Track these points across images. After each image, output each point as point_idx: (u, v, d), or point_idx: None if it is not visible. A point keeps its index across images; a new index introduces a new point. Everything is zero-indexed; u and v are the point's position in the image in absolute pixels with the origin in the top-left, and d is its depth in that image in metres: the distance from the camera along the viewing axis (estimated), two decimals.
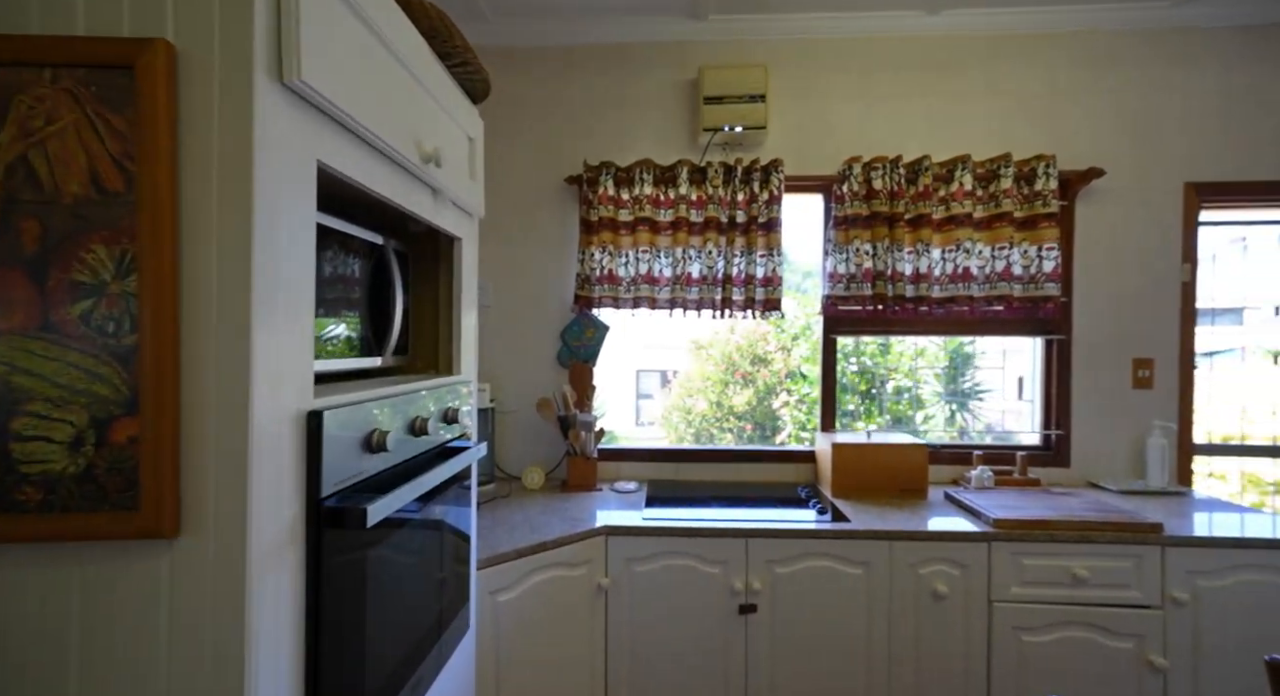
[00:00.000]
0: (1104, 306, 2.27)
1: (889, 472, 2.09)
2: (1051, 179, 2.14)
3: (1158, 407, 2.25)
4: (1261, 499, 3.13)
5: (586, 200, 2.27)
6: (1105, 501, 1.94)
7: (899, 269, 2.18)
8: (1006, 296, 2.16)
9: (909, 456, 2.09)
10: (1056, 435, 2.29)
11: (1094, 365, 2.27)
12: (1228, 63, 2.24)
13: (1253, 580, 1.69)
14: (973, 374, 6.78)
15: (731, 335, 7.69)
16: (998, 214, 2.17)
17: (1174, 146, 2.25)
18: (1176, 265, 2.25)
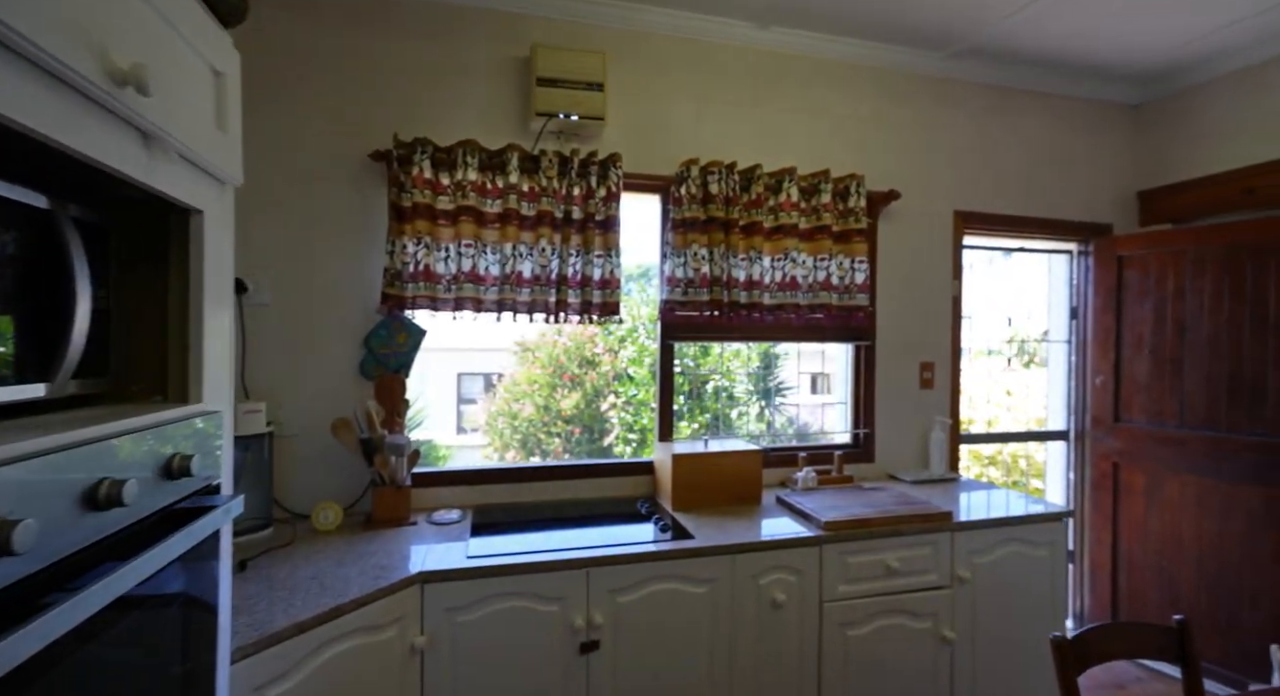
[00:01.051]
0: (899, 315, 2.53)
1: (727, 481, 2.08)
2: (861, 197, 2.32)
3: (937, 405, 2.58)
4: (982, 472, 3.82)
5: (398, 182, 1.91)
6: (906, 493, 2.14)
7: (734, 275, 2.19)
8: (827, 305, 2.30)
9: (745, 463, 2.11)
10: (864, 433, 2.50)
11: (892, 368, 2.53)
12: (979, 113, 2.64)
13: (1013, 551, 1.97)
14: (778, 373, 7.45)
15: (559, 338, 7.51)
16: (819, 226, 2.30)
17: (945, 178, 2.60)
18: (949, 280, 2.60)
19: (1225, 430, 2.40)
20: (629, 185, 2.20)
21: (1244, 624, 2.35)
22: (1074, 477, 2.90)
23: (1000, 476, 4.28)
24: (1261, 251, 2.32)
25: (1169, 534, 2.55)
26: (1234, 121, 2.52)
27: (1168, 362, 2.56)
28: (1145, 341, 2.63)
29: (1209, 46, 2.44)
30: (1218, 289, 2.43)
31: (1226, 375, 2.40)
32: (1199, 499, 2.46)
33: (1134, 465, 2.66)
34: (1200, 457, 2.45)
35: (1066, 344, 2.94)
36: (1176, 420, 2.54)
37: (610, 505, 2.13)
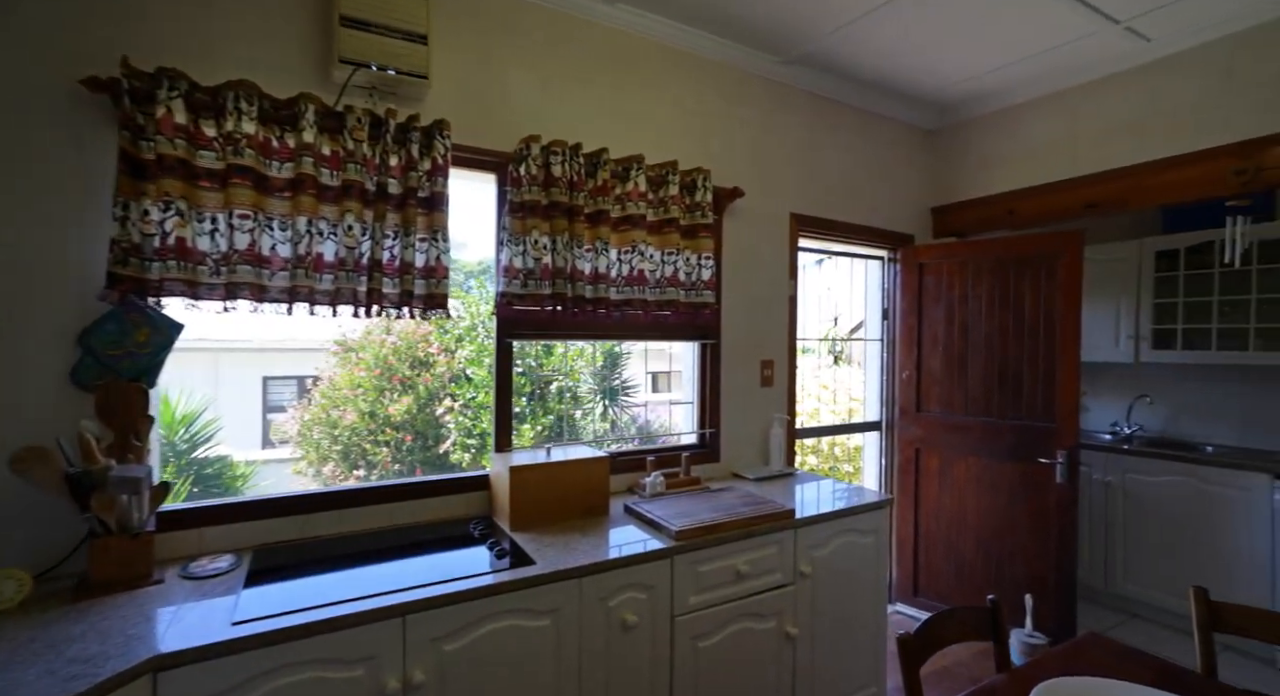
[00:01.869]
0: (742, 314, 2.56)
1: (572, 492, 1.90)
2: (708, 192, 2.29)
3: (776, 402, 2.66)
4: (804, 460, 4.14)
5: (133, 124, 1.42)
6: (752, 493, 2.14)
7: (579, 267, 2.02)
8: (675, 302, 2.22)
9: (591, 472, 1.94)
10: (710, 433, 2.49)
11: (736, 367, 2.54)
12: (811, 121, 2.78)
13: (846, 541, 2.06)
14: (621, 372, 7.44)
15: (388, 336, 6.74)
16: (666, 219, 2.21)
17: (783, 180, 2.69)
18: (786, 280, 2.70)
19: (996, 417, 2.80)
20: (460, 160, 1.92)
21: (1006, 579, 2.75)
22: (885, 463, 3.21)
23: (817, 463, 4.70)
24: (1020, 263, 2.73)
25: (956, 509, 2.91)
26: (999, 152, 2.95)
27: (956, 359, 2.93)
28: (939, 340, 2.98)
29: (981, 87, 2.82)
30: (990, 295, 2.82)
31: (997, 370, 2.80)
32: (978, 477, 2.84)
33: (931, 450, 3.00)
34: (979, 441, 2.83)
35: (880, 342, 3.24)
36: (963, 409, 2.91)
37: (437, 529, 1.83)
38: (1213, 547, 2.75)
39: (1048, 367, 2.65)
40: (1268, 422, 3.01)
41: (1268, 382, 3.01)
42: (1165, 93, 2.40)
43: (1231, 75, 2.23)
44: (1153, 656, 1.44)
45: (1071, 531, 2.59)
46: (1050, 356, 2.64)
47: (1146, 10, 2.18)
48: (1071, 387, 2.58)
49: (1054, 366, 2.63)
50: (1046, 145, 2.77)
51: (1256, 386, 3.05)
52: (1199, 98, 2.31)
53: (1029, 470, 2.69)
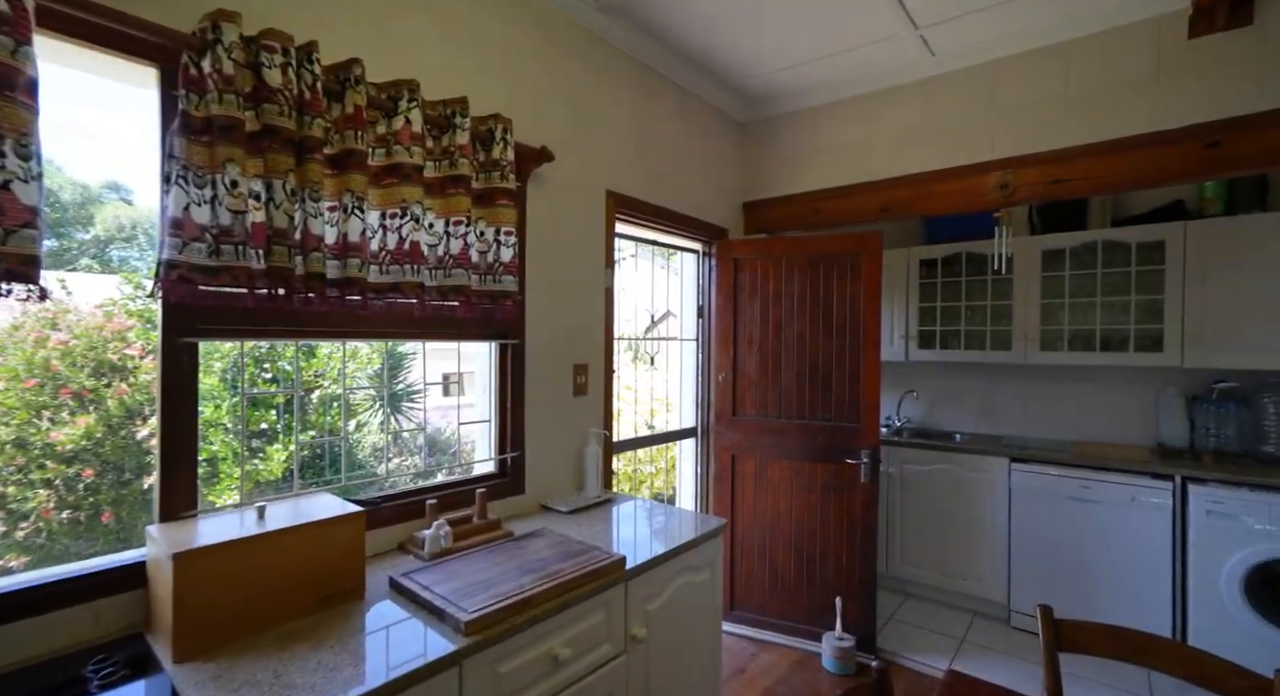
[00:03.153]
0: (550, 308, 2.08)
1: (303, 574, 1.22)
2: (509, 148, 1.76)
3: (592, 414, 2.24)
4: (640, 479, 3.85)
5: None
6: (568, 536, 1.67)
7: (315, 231, 1.33)
8: (465, 288, 1.65)
9: (335, 538, 1.28)
10: (512, 458, 1.96)
11: (543, 373, 2.06)
12: (633, 90, 2.43)
13: (682, 584, 1.72)
14: (405, 375, 6.37)
15: (54, 332, 4.81)
16: (453, 177, 1.63)
17: (599, 151, 2.28)
18: (602, 269, 2.30)
19: (808, 418, 2.77)
20: (69, 27, 1.10)
21: (818, 581, 2.74)
22: (700, 471, 3.02)
23: (621, 467, 4.46)
24: (828, 262, 2.73)
25: (771, 514, 2.83)
26: (806, 151, 2.94)
27: (770, 359, 2.84)
28: (755, 340, 2.87)
29: (793, 81, 2.77)
30: (802, 293, 2.78)
31: (809, 370, 2.77)
32: (792, 479, 2.79)
33: (748, 455, 2.88)
34: (793, 443, 2.77)
35: (695, 342, 3.03)
36: (777, 411, 2.83)
37: (27, 681, 1.01)
38: (968, 526, 3.09)
39: (853, 366, 2.68)
40: (999, 412, 3.52)
41: (997, 378, 3.52)
42: (943, 107, 2.55)
43: (989, 101, 2.43)
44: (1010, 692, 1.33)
45: (873, 529, 2.64)
46: (855, 355, 2.67)
47: (943, 19, 2.24)
48: (873, 386, 2.63)
49: (859, 365, 2.67)
50: (848, 148, 2.81)
51: (991, 381, 3.55)
52: (969, 115, 2.48)
53: (839, 470, 2.69)
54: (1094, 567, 2.73)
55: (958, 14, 2.21)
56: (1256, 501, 2.38)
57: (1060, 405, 3.32)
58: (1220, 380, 2.86)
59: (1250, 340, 2.66)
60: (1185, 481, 2.56)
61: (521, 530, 1.74)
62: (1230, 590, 2.41)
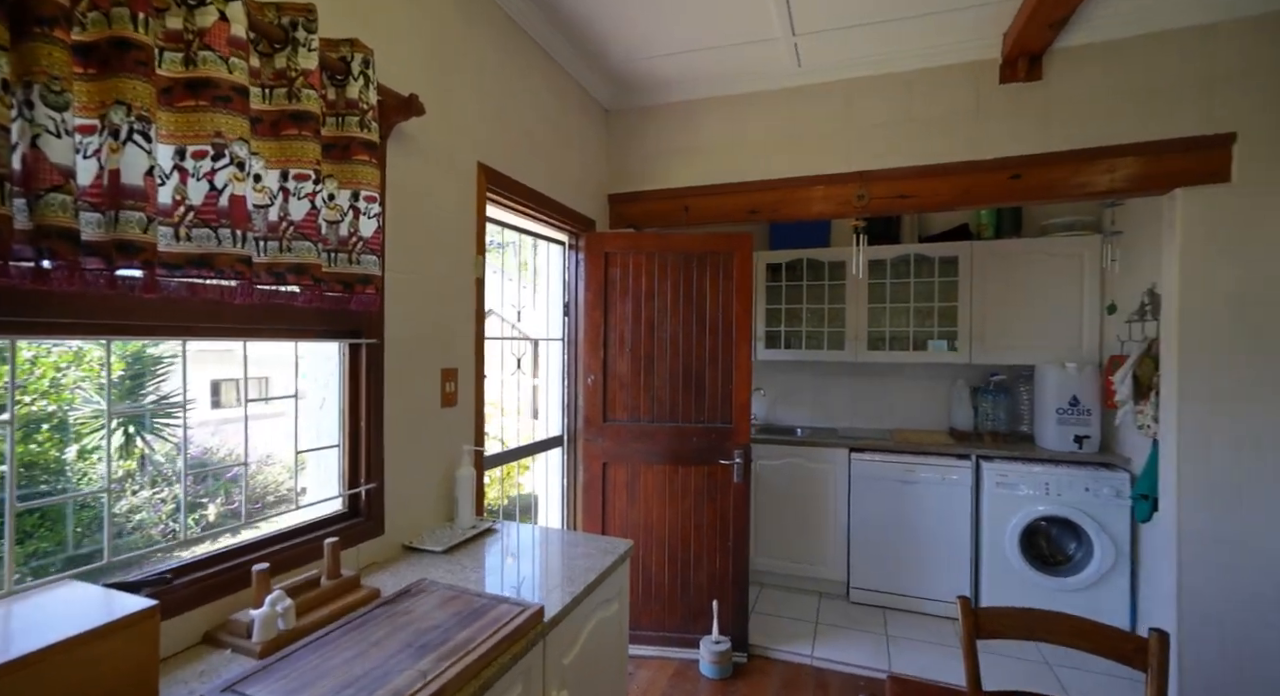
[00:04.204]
0: (415, 298, 1.67)
1: None
2: (371, 88, 1.34)
3: (463, 428, 1.87)
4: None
5: None
6: (461, 587, 1.32)
7: (54, 157, 0.82)
8: (310, 268, 1.20)
9: (103, 662, 0.79)
10: (369, 491, 1.52)
11: (407, 380, 1.64)
12: (504, 51, 2.08)
13: (596, 624, 1.48)
14: (158, 386, 4.97)
15: None
16: (295, 113, 1.18)
17: (470, 116, 1.92)
18: (472, 255, 1.94)
19: (682, 420, 2.69)
20: None
21: (692, 587, 2.69)
22: (568, 482, 2.77)
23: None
24: (702, 260, 2.69)
25: (645, 522, 2.70)
26: (677, 146, 2.88)
27: (643, 360, 2.71)
28: (627, 340, 2.71)
29: (665, 71, 2.68)
30: (675, 292, 2.70)
31: (682, 371, 2.70)
32: (666, 485, 2.69)
33: (620, 462, 2.71)
34: (667, 447, 2.68)
35: (561, 342, 2.77)
36: (650, 415, 2.71)
37: None
38: (814, 514, 3.31)
39: (726, 366, 2.67)
40: (832, 407, 3.86)
41: (831, 375, 3.86)
42: (808, 117, 2.67)
43: (848, 117, 2.61)
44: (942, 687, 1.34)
45: (746, 528, 2.67)
46: (728, 355, 2.67)
47: (815, 30, 2.32)
48: (745, 386, 2.65)
49: (731, 365, 2.66)
50: (718, 147, 2.81)
51: (825, 378, 3.88)
52: (831, 127, 2.63)
53: (712, 472, 2.66)
54: (915, 539, 3.11)
55: (828, 28, 2.31)
56: (1026, 472, 2.90)
57: (881, 398, 3.76)
58: (995, 374, 3.47)
59: (1012, 340, 3.25)
60: (979, 459, 3.03)
61: (392, 585, 1.34)
62: (1011, 545, 2.90)
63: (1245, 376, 2.13)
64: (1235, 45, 2.13)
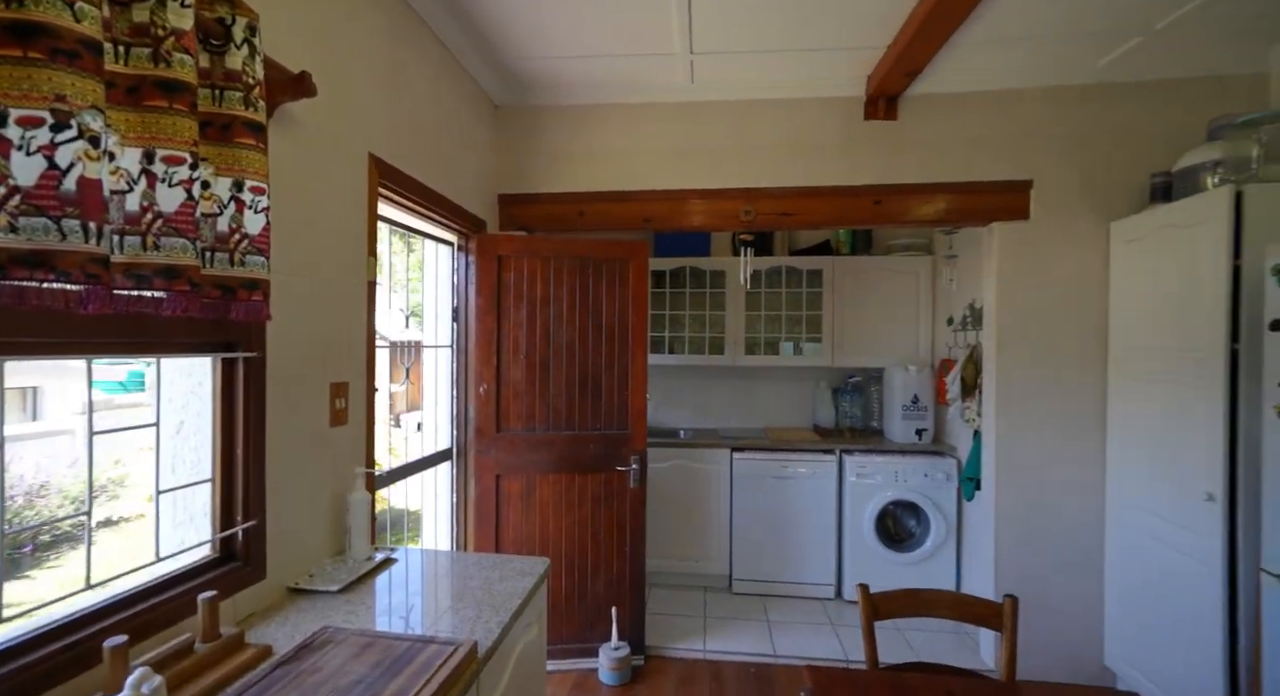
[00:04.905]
0: (300, 306, 1.46)
1: None
2: (257, 60, 1.15)
3: (353, 449, 1.67)
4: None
5: None
6: (376, 632, 1.18)
7: None
8: (184, 270, 0.99)
9: None
10: (247, 530, 1.29)
11: (291, 398, 1.43)
12: (395, 29, 1.89)
13: (524, 649, 1.40)
14: None
15: None
16: (163, 81, 0.97)
17: (360, 102, 1.72)
18: (364, 256, 1.74)
19: (579, 428, 2.66)
20: None
21: (590, 594, 2.67)
22: (457, 498, 2.60)
23: None
24: (598, 266, 2.68)
25: (542, 533, 2.62)
26: (573, 150, 2.84)
27: (539, 368, 2.63)
28: (522, 347, 2.61)
29: (553, 74, 2.63)
30: (571, 298, 2.66)
31: (578, 378, 2.66)
32: (563, 494, 2.64)
33: (514, 474, 2.60)
34: (563, 456, 2.62)
35: (450, 349, 2.60)
36: (546, 423, 2.63)
37: None
38: (700, 513, 3.46)
39: (623, 373, 2.69)
40: (711, 408, 4.06)
41: (711, 378, 4.05)
42: (702, 132, 2.78)
43: (739, 135, 2.77)
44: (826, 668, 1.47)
45: (642, 532, 2.70)
46: (625, 361, 2.69)
47: (711, 50, 2.42)
48: (641, 392, 2.69)
49: (628, 371, 2.69)
50: (616, 154, 2.81)
51: (705, 381, 4.06)
52: (724, 144, 2.77)
53: (609, 478, 2.66)
54: (789, 530, 3.38)
55: (724, 50, 2.42)
56: (880, 463, 3.29)
57: (756, 399, 4.03)
58: (852, 376, 3.89)
59: (865, 346, 3.68)
60: (842, 454, 3.38)
61: (287, 639, 1.16)
62: (868, 528, 3.28)
63: (1040, 377, 2.61)
64: (1035, 108, 2.61)
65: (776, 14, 2.14)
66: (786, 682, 2.53)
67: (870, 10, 2.12)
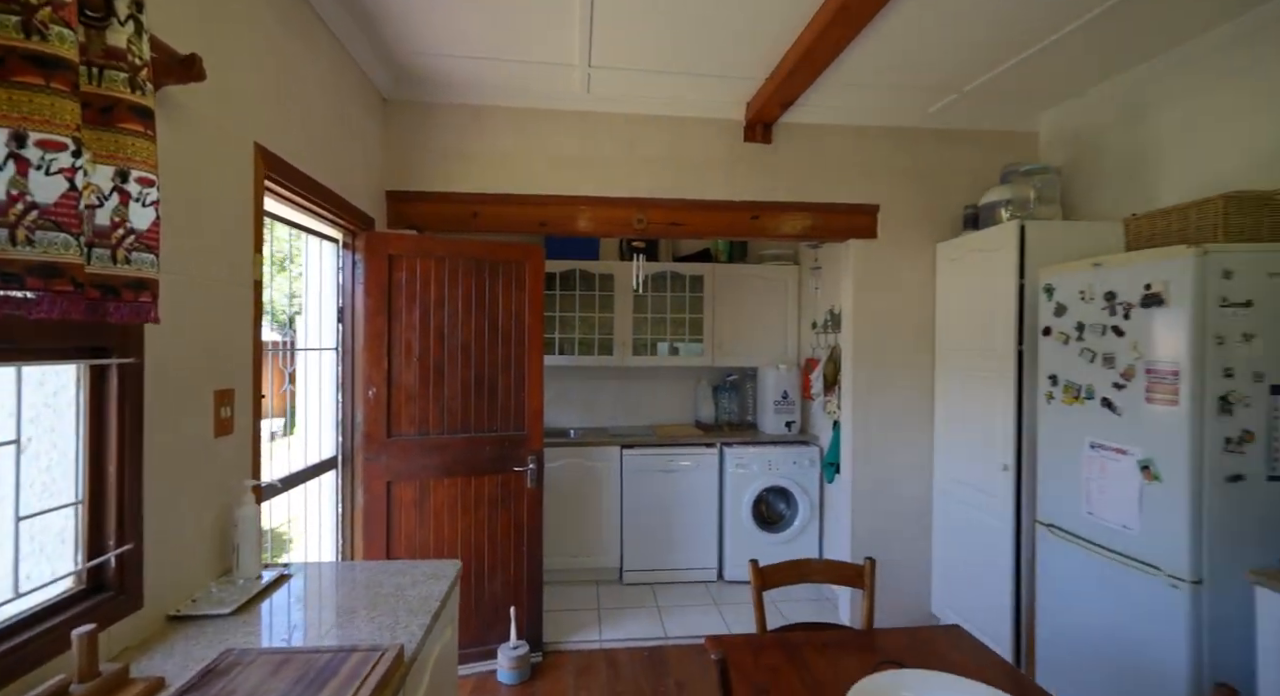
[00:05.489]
0: (182, 307, 1.33)
1: None
2: (144, 37, 1.05)
3: (239, 460, 1.54)
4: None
5: None
6: (296, 650, 1.13)
7: None
8: (68, 268, 0.89)
9: None
10: (121, 555, 1.16)
11: (171, 409, 1.30)
12: (283, 19, 1.76)
13: (442, 648, 1.40)
14: None
15: None
16: (34, 55, 0.86)
17: (245, 89, 1.59)
18: (249, 253, 1.61)
19: (475, 430, 2.63)
20: None
21: (488, 596, 2.65)
22: (343, 509, 2.45)
23: None
24: (494, 268, 2.67)
25: (437, 539, 2.56)
26: (467, 150, 2.79)
27: (432, 371, 2.56)
28: (415, 349, 2.53)
29: (446, 72, 2.59)
30: (467, 299, 2.63)
31: (474, 380, 2.64)
32: (459, 498, 2.59)
33: (407, 479, 2.51)
34: (459, 459, 2.59)
35: (335, 352, 2.44)
36: (440, 426, 2.57)
37: None
38: (592, 509, 3.55)
39: (519, 375, 2.71)
40: (599, 407, 4.17)
41: (599, 379, 4.16)
42: (598, 140, 2.88)
43: (632, 147, 2.91)
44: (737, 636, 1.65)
45: (540, 531, 2.74)
46: (521, 363, 2.71)
47: (608, 66, 2.53)
48: (537, 392, 2.73)
49: (524, 372, 2.71)
50: (512, 157, 2.81)
51: (594, 381, 4.16)
52: (618, 154, 2.89)
53: (506, 480, 2.67)
54: (676, 520, 3.59)
55: (620, 67, 2.53)
56: (756, 454, 3.62)
57: (643, 398, 4.21)
58: (730, 375, 4.21)
59: (742, 347, 4.02)
60: (723, 446, 3.66)
61: (178, 670, 1.07)
62: (746, 514, 3.59)
63: (886, 374, 3.05)
64: (882, 143, 3.05)
65: (672, 39, 2.30)
66: (677, 661, 2.72)
67: (753, 47, 2.35)
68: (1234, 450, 1.73)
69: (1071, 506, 2.15)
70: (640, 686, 2.53)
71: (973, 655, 1.45)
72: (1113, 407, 1.99)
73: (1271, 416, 1.74)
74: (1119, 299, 1.97)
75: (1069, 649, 2.16)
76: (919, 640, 1.53)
